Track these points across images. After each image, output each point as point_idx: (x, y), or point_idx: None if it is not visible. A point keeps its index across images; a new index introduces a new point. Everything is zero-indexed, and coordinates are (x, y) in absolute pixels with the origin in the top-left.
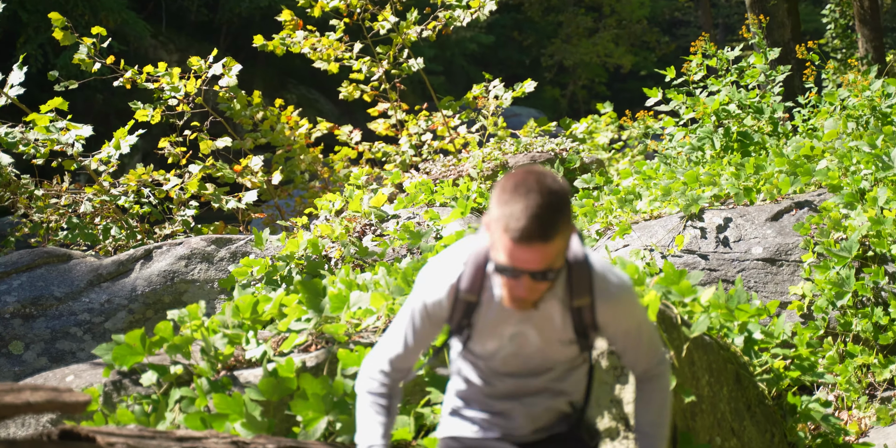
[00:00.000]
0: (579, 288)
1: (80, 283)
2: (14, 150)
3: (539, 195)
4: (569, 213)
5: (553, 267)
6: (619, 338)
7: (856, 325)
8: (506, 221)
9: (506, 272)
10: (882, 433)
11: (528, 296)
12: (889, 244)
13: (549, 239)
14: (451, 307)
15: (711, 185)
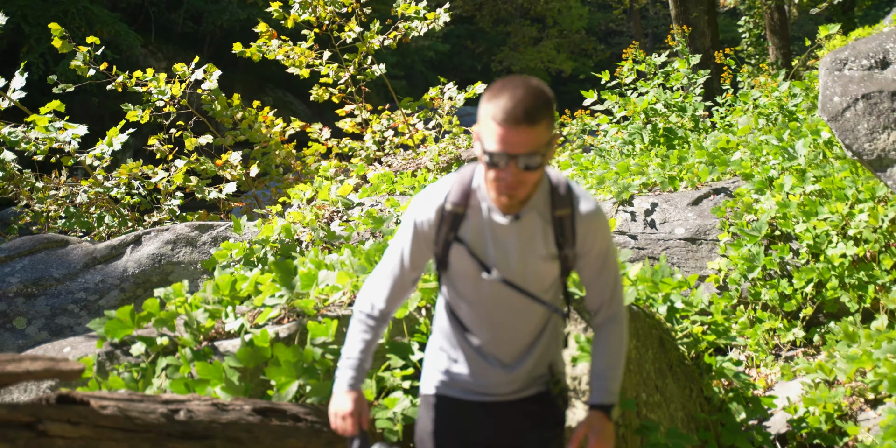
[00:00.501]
0: (560, 200)
1: (77, 266)
2: (17, 148)
3: (524, 88)
4: (552, 109)
5: (538, 152)
6: (590, 261)
7: (764, 295)
8: (494, 111)
9: (495, 159)
10: (785, 387)
11: (515, 185)
12: (793, 224)
13: (534, 123)
14: (438, 221)
15: (640, 174)
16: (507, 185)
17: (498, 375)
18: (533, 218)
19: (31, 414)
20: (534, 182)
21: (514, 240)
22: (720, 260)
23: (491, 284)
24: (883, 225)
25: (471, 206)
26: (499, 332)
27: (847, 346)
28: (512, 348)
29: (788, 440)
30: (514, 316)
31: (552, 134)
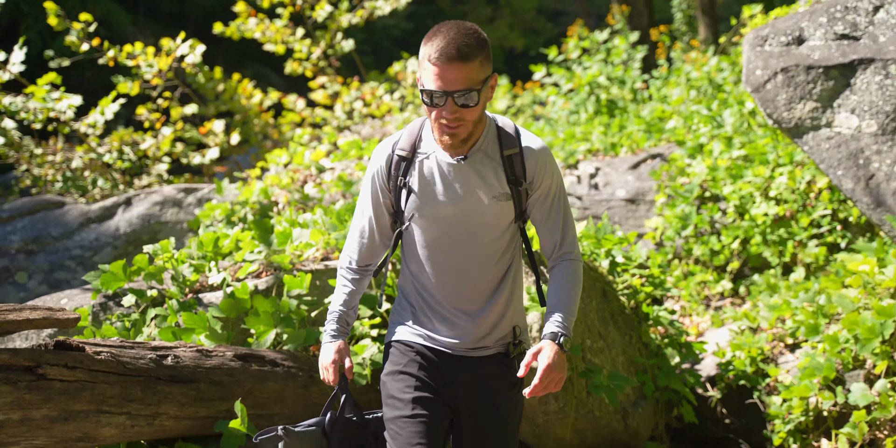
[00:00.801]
0: (508, 140)
1: (73, 225)
2: (17, 117)
3: (456, 29)
4: (486, 50)
5: (472, 88)
6: (540, 198)
7: (696, 251)
8: (429, 51)
9: (432, 97)
10: (714, 334)
11: (454, 123)
12: (721, 186)
13: (467, 60)
14: (388, 168)
15: (585, 141)
16: (447, 123)
17: (460, 328)
18: (481, 159)
19: (31, 359)
20: (473, 120)
21: (464, 181)
22: (656, 219)
23: (445, 231)
24: (800, 186)
25: (419, 152)
26: (458, 281)
27: (769, 297)
28: (473, 297)
29: (717, 382)
30: (472, 262)
31: (489, 74)
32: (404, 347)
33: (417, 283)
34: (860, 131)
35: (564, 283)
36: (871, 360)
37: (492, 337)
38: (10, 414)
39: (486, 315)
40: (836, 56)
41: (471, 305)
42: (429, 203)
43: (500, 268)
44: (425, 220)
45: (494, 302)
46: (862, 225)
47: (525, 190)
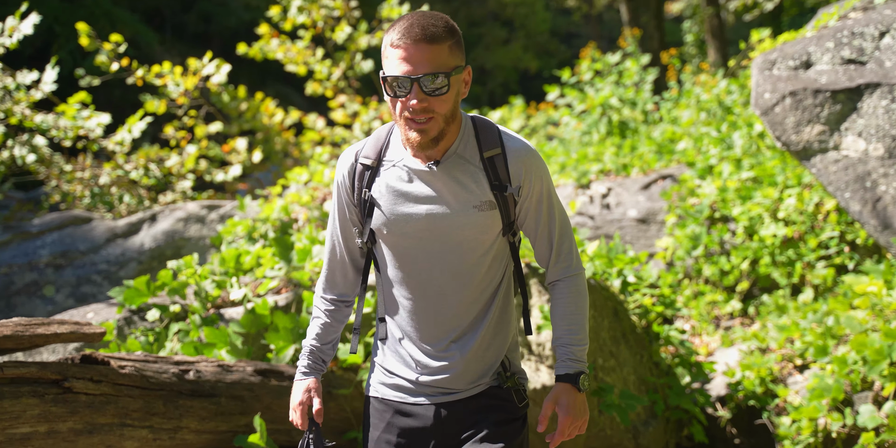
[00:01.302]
0: (488, 140)
1: (100, 240)
2: (48, 134)
3: (421, 13)
4: (456, 36)
5: (440, 72)
6: (530, 205)
7: (706, 271)
8: (392, 36)
9: (396, 85)
10: (724, 353)
11: (421, 114)
12: (731, 207)
13: (434, 41)
14: (351, 177)
15: (597, 161)
16: (414, 116)
17: (441, 365)
18: (457, 163)
19: (58, 372)
20: (444, 114)
21: (438, 189)
22: (667, 239)
23: (419, 248)
24: (808, 208)
25: (385, 160)
26: (438, 308)
27: (778, 317)
28: (456, 327)
29: (727, 401)
30: (453, 285)
31: (461, 64)
32: (382, 406)
33: (392, 313)
34: (867, 154)
35: (568, 308)
36: (879, 381)
37: (479, 373)
38: (37, 426)
39: (471, 348)
40: (843, 80)
41: (454, 336)
42: (397, 216)
43: (487, 291)
44: (394, 237)
45: (481, 331)
46: (869, 247)
47: (511, 196)
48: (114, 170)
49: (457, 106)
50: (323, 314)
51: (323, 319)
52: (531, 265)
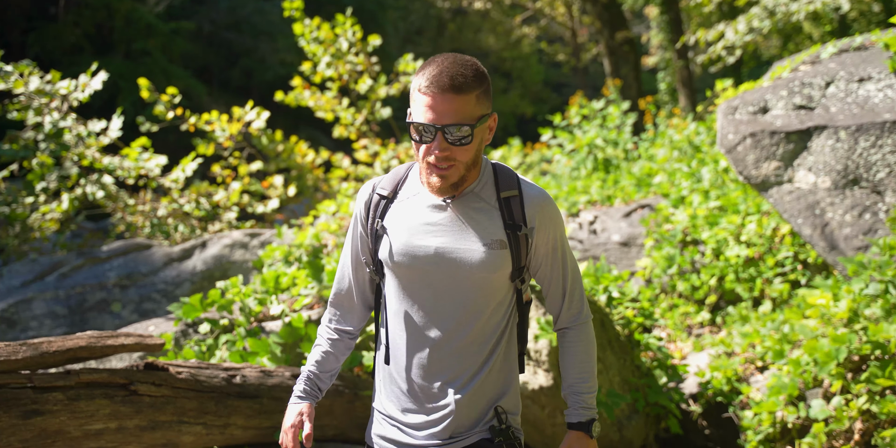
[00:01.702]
0: (506, 182)
1: (158, 264)
2: (114, 174)
3: (452, 59)
4: (484, 84)
5: (466, 123)
6: (548, 254)
7: (679, 286)
8: (420, 81)
9: (421, 131)
10: (696, 357)
11: (444, 162)
12: (700, 232)
13: (461, 91)
14: (367, 208)
15: (585, 193)
16: (436, 162)
17: (437, 410)
18: (473, 200)
19: (125, 377)
20: (466, 162)
21: (450, 224)
22: (646, 259)
23: (425, 282)
24: (767, 232)
25: (401, 193)
26: (441, 348)
27: (741, 326)
28: (456, 369)
29: (698, 398)
30: (457, 326)
31: (487, 112)
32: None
33: (393, 350)
34: (816, 186)
35: (579, 355)
36: (828, 380)
37: (472, 421)
38: (109, 423)
39: (470, 393)
40: (795, 123)
41: (452, 379)
42: (406, 247)
43: (489, 336)
44: (401, 269)
45: (481, 376)
46: (819, 265)
47: (525, 237)
48: (170, 203)
49: (479, 154)
50: (325, 343)
51: (325, 348)
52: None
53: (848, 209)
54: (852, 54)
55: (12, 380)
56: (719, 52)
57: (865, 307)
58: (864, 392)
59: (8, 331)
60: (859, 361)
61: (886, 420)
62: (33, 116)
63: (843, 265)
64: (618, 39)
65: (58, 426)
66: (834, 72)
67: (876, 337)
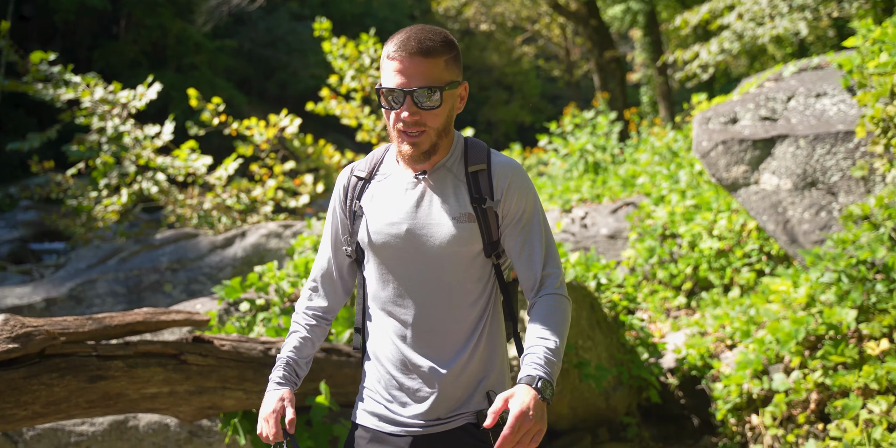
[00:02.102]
0: (476, 156)
1: (204, 251)
2: (166, 172)
3: (421, 27)
4: (453, 51)
5: (435, 86)
6: (513, 223)
7: (659, 274)
8: (388, 47)
9: (390, 97)
10: (673, 337)
11: (414, 126)
12: (678, 227)
13: (429, 55)
14: (345, 190)
15: (577, 192)
16: (406, 128)
17: (421, 392)
18: (443, 176)
19: (176, 348)
20: (437, 128)
21: (420, 199)
22: (630, 251)
23: (400, 258)
24: (736, 227)
25: (378, 173)
26: (420, 324)
27: (713, 309)
28: (437, 346)
29: (675, 372)
30: (434, 301)
31: (457, 79)
32: (362, 433)
33: (376, 331)
34: (779, 188)
35: (547, 317)
36: (788, 356)
37: (457, 400)
38: (162, 388)
39: (453, 371)
40: (761, 132)
41: (434, 358)
42: (381, 225)
43: (471, 312)
44: (377, 247)
45: (464, 355)
46: (781, 256)
47: (492, 210)
48: (214, 198)
49: (450, 121)
50: (303, 329)
51: (303, 333)
52: None
53: (806, 208)
54: (810, 73)
55: (80, 349)
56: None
57: (821, 293)
58: (819, 367)
59: (76, 307)
60: (815, 341)
61: (838, 391)
62: (97, 122)
63: (802, 257)
64: (606, 58)
65: (119, 389)
66: (794, 88)
67: (830, 319)
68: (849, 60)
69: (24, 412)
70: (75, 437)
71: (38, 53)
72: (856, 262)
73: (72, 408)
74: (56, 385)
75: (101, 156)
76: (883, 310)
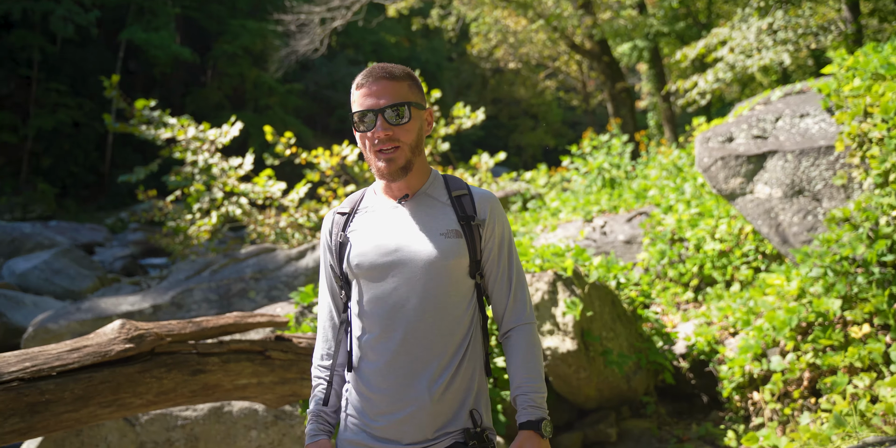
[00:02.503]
0: (456, 184)
1: (281, 262)
2: (248, 196)
3: (382, 64)
4: (415, 81)
5: (403, 102)
6: (494, 249)
7: (670, 273)
8: (356, 82)
9: (362, 119)
10: (683, 327)
11: (387, 142)
12: (685, 232)
13: (394, 78)
14: (330, 228)
15: (596, 204)
16: (381, 144)
17: (407, 413)
18: (426, 200)
19: (262, 346)
20: (410, 143)
21: (406, 220)
22: (644, 253)
23: (387, 277)
24: (735, 231)
25: (360, 208)
26: (406, 344)
27: (717, 302)
28: (423, 366)
29: (686, 357)
30: (422, 322)
31: (422, 103)
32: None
33: (360, 352)
34: (771, 196)
35: (527, 356)
36: (783, 341)
37: (443, 419)
38: (251, 379)
39: (439, 389)
40: (754, 149)
41: (421, 376)
42: (367, 246)
43: (455, 332)
44: (365, 269)
45: (448, 373)
46: (774, 255)
47: (478, 228)
48: (288, 217)
49: (421, 140)
50: (324, 381)
51: (324, 385)
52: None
53: (795, 213)
54: (794, 97)
55: (183, 348)
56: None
57: (810, 286)
58: (810, 350)
59: (177, 312)
60: (806, 327)
61: (827, 370)
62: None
63: (793, 255)
64: (617, 89)
65: (215, 381)
66: (781, 110)
67: (818, 308)
68: (827, 85)
69: (140, 401)
70: (181, 421)
71: (141, 101)
72: (839, 258)
73: (178, 397)
74: (164, 378)
75: (194, 184)
76: (864, 299)
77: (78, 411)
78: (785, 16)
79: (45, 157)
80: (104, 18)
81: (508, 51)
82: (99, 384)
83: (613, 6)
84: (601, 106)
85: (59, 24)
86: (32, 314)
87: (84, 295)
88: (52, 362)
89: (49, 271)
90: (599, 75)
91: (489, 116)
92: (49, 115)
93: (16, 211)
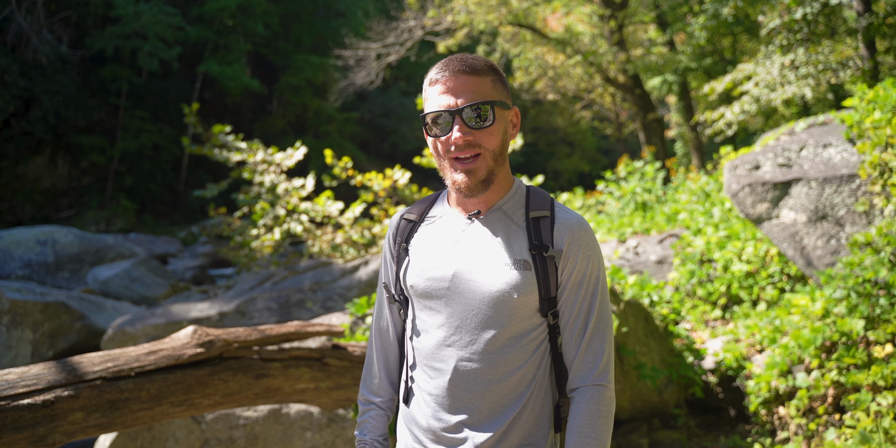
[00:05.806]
0: (538, 202)
1: (337, 275)
2: (308, 215)
3: (461, 54)
4: (498, 74)
5: (485, 101)
6: (573, 285)
7: (699, 292)
8: (430, 76)
9: (437, 121)
10: (712, 343)
11: (466, 150)
12: (713, 253)
13: (476, 72)
14: (394, 232)
15: (630, 226)
16: (459, 152)
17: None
18: (499, 219)
19: (319, 353)
20: (492, 149)
21: (473, 241)
22: (675, 273)
23: (447, 305)
24: (761, 253)
25: (428, 216)
26: (456, 377)
27: (745, 320)
28: (469, 404)
29: (715, 372)
30: (473, 356)
31: (507, 101)
32: None
33: (416, 384)
34: (796, 221)
35: (583, 430)
36: (808, 358)
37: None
38: (309, 384)
39: (490, 440)
40: (779, 176)
41: (471, 422)
42: (424, 267)
43: (514, 375)
44: (419, 292)
45: (503, 423)
46: (799, 276)
47: (553, 260)
48: (344, 234)
49: (505, 146)
50: (373, 407)
51: (374, 412)
52: None
53: (819, 237)
54: (818, 127)
55: (247, 353)
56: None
57: (834, 307)
58: (834, 367)
59: (241, 319)
60: (830, 345)
61: (851, 387)
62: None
63: (817, 277)
64: (649, 119)
65: (276, 385)
66: (805, 140)
67: (842, 328)
68: (849, 117)
69: (208, 401)
70: (243, 420)
71: (218, 126)
72: (862, 280)
73: (242, 398)
74: (230, 380)
75: (260, 203)
76: (886, 320)
77: (152, 409)
78: (806, 53)
79: (128, 176)
80: (184, 53)
81: (548, 83)
82: (172, 385)
83: (645, 43)
84: (633, 135)
85: (145, 59)
86: (112, 317)
87: (158, 301)
88: (131, 363)
89: (128, 279)
90: (632, 106)
91: (529, 143)
92: (133, 138)
93: (100, 224)
